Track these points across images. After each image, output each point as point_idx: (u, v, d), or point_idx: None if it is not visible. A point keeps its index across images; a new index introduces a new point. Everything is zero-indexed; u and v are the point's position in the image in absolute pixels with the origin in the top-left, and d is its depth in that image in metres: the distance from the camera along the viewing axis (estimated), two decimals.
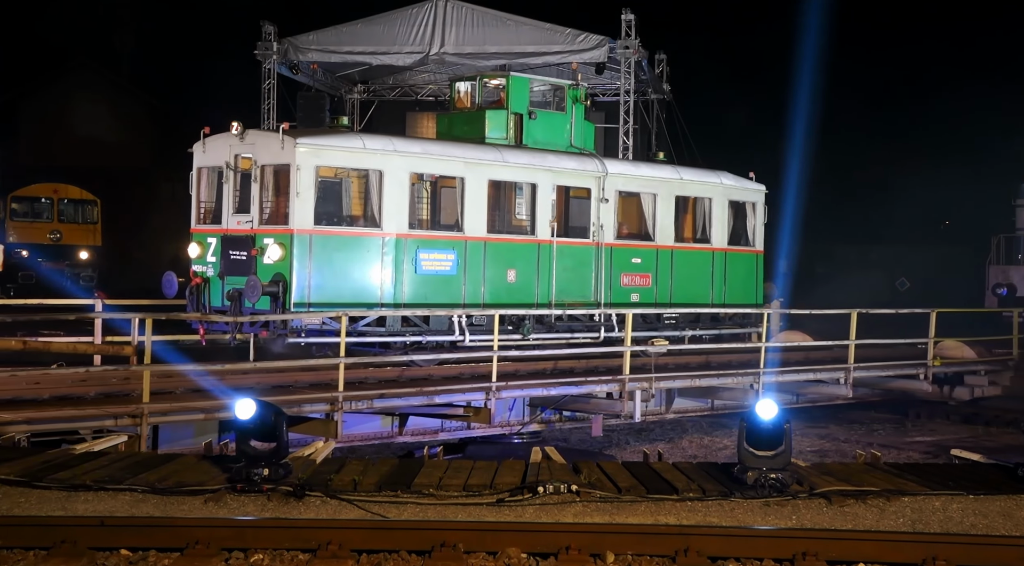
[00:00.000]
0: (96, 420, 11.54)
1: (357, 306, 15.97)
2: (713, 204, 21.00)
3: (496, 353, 14.98)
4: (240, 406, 8.05)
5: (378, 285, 16.32)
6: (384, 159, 16.57)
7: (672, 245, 20.40)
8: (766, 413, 8.09)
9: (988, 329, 27.94)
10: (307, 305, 15.63)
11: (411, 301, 16.62)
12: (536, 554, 7.11)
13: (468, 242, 17.41)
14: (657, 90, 29.72)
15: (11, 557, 6.91)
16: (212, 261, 16.50)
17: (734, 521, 7.53)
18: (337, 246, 16.17)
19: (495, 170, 17.87)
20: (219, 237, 16.49)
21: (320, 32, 27.33)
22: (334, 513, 7.58)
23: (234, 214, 16.45)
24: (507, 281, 17.86)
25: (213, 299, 16.30)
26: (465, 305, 17.20)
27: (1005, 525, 7.55)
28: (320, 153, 16.08)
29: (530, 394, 15.92)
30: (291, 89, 28.91)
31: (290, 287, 15.49)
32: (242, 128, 16.31)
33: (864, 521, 7.59)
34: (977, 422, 21.43)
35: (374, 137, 17.39)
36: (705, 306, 20.74)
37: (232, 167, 16.45)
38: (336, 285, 16.03)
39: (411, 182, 16.98)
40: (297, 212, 15.74)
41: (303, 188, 15.74)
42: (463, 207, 17.44)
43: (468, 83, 19.61)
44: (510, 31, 25.95)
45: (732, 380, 17.66)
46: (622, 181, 19.53)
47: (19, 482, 7.98)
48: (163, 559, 6.99)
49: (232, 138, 16.46)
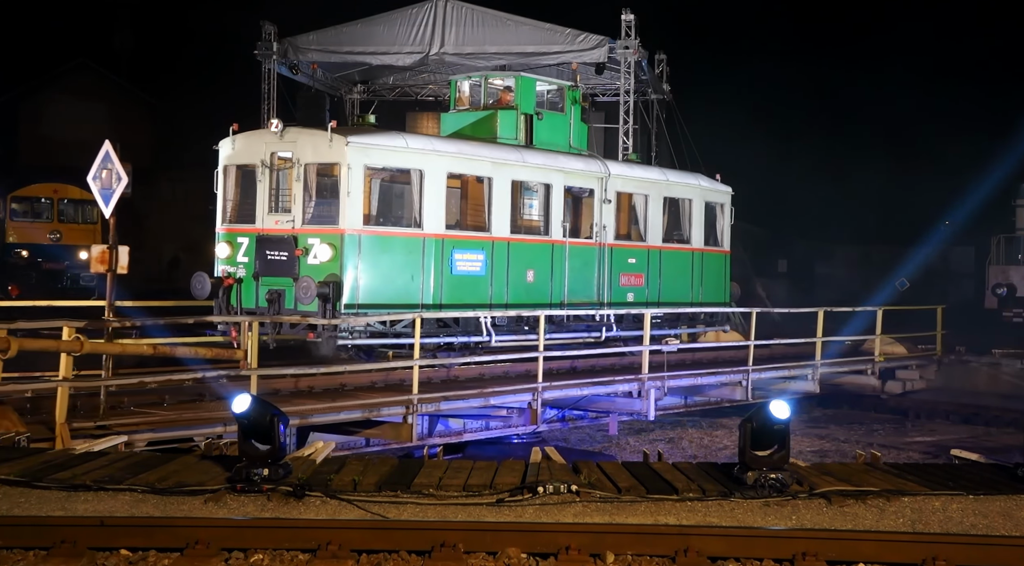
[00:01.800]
0: (208, 427, 11.79)
1: (401, 307, 15.89)
2: (692, 205, 21.29)
3: (542, 353, 15.21)
4: (237, 403, 8.02)
5: (419, 286, 16.22)
6: (424, 158, 16.42)
7: (660, 246, 20.65)
8: (779, 413, 8.04)
9: (988, 329, 27.99)
10: (356, 306, 15.44)
11: (447, 302, 16.58)
12: (536, 554, 7.10)
13: (495, 242, 17.39)
14: (657, 90, 29.72)
15: (11, 557, 6.91)
16: (244, 261, 16.15)
17: (734, 521, 7.53)
18: (383, 247, 15.99)
19: (517, 170, 17.85)
20: (253, 237, 16.12)
21: (320, 32, 27.33)
22: (334, 513, 7.58)
23: (270, 213, 16.10)
24: (526, 281, 17.91)
25: (245, 300, 15.98)
26: (491, 305, 17.20)
27: (1005, 525, 7.55)
28: (368, 152, 15.82)
29: (567, 394, 16.17)
30: (291, 89, 28.94)
31: (341, 288, 15.29)
32: (282, 125, 16.02)
33: (864, 521, 7.58)
34: (977, 422, 21.47)
35: (415, 136, 17.25)
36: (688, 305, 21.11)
37: (268, 165, 16.13)
38: (383, 286, 15.87)
39: (447, 182, 16.91)
40: (347, 212, 15.49)
41: (353, 187, 15.48)
42: (490, 208, 17.38)
43: (472, 82, 19.49)
44: (510, 31, 25.94)
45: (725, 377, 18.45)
46: (621, 182, 19.62)
47: (19, 482, 7.97)
48: (163, 559, 6.99)
49: (268, 135, 16.13)
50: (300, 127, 16.75)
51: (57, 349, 10.84)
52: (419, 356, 14.20)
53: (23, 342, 10.40)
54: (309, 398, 13.70)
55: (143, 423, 11.59)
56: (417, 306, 16.09)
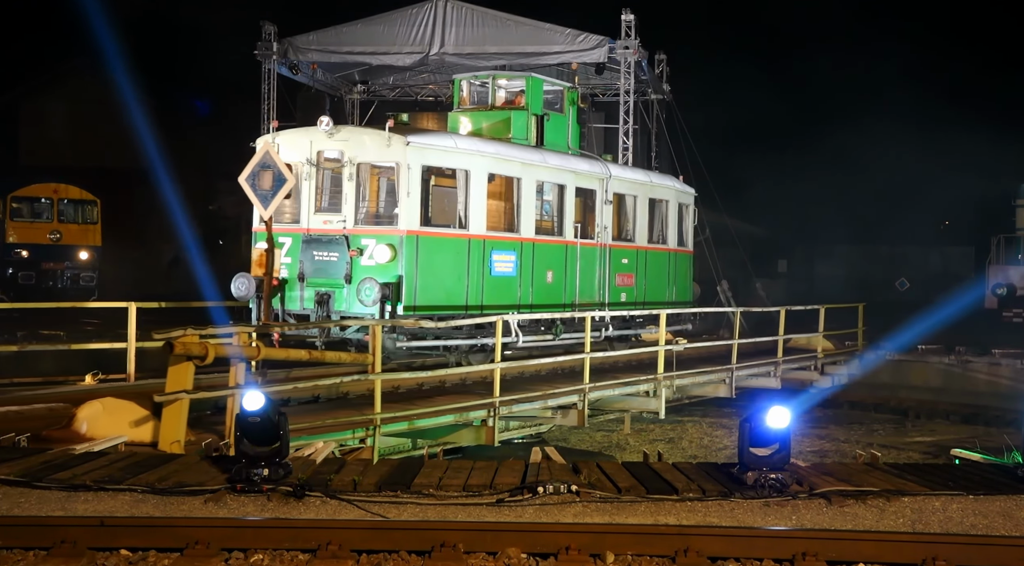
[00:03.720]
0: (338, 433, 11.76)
1: (450, 309, 15.82)
2: (669, 207, 21.45)
3: (588, 355, 15.25)
4: (248, 398, 8.00)
5: (465, 287, 16.19)
6: (470, 159, 16.34)
7: (647, 246, 20.85)
8: (777, 422, 8.04)
9: (987, 329, 28.00)
10: (413, 308, 15.32)
11: (487, 303, 16.56)
12: (536, 554, 7.10)
13: (523, 243, 17.39)
14: (657, 90, 29.72)
15: (11, 557, 6.91)
16: (286, 262, 15.87)
17: (734, 521, 7.53)
18: (437, 247, 15.88)
19: (540, 172, 17.86)
20: (297, 237, 15.85)
21: (320, 32, 27.32)
22: (334, 513, 7.58)
23: (317, 213, 15.87)
24: (546, 282, 17.97)
25: (289, 302, 15.72)
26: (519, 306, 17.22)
27: (1005, 525, 7.55)
28: (424, 152, 15.66)
29: (605, 394, 16.29)
30: (291, 89, 28.94)
31: (400, 290, 15.13)
32: (333, 124, 15.81)
33: (864, 521, 7.58)
34: (977, 422, 21.49)
35: (461, 136, 17.12)
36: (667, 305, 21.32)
37: (315, 163, 15.89)
38: (435, 287, 15.78)
39: (488, 183, 16.88)
40: (406, 212, 15.34)
41: (412, 188, 15.32)
42: (519, 209, 17.36)
43: (479, 81, 19.35)
44: (510, 31, 25.94)
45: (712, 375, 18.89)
46: (618, 184, 19.74)
47: (19, 482, 7.97)
48: (163, 559, 6.99)
49: (315, 133, 15.90)
50: (353, 126, 16.48)
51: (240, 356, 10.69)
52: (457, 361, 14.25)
53: (218, 349, 10.30)
54: (398, 402, 13.65)
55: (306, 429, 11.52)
56: (463, 308, 16.04)
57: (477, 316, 16.18)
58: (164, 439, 10.02)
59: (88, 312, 24.45)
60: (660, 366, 16.68)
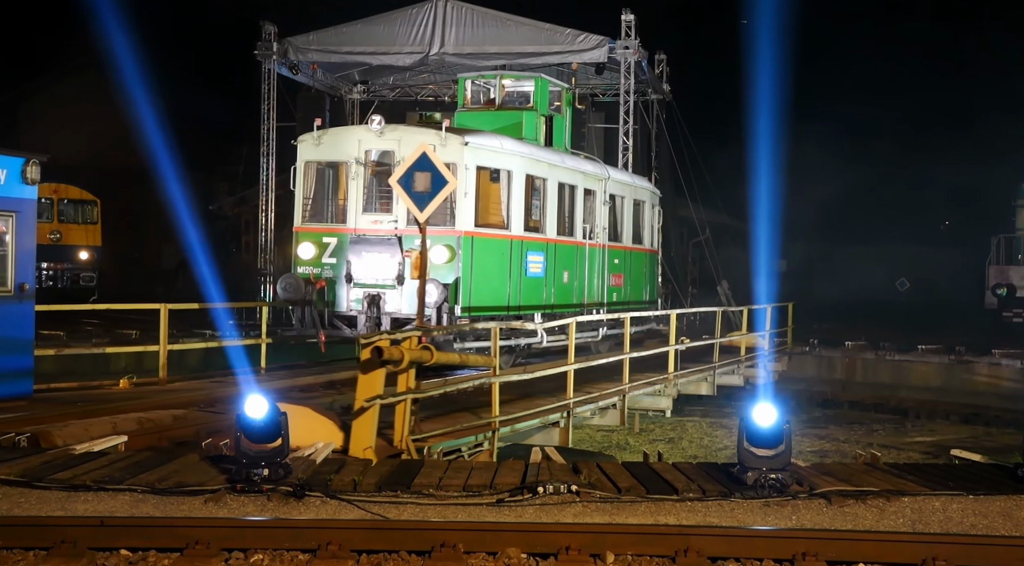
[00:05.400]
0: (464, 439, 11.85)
1: (494, 310, 15.78)
2: (645, 208, 21.58)
3: (627, 355, 15.34)
4: (251, 403, 8.00)
5: (506, 288, 16.15)
6: (511, 160, 16.34)
7: (631, 247, 20.94)
8: (764, 419, 8.09)
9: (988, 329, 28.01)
10: (468, 309, 15.24)
11: (524, 303, 16.58)
12: (536, 554, 7.10)
13: (549, 244, 17.39)
14: (657, 90, 29.72)
15: (11, 557, 6.91)
16: (331, 262, 15.73)
17: (734, 521, 7.53)
18: (487, 248, 15.85)
19: (561, 173, 17.91)
20: (344, 237, 15.72)
21: (320, 32, 27.32)
22: (334, 513, 7.58)
23: (365, 213, 15.71)
24: (563, 282, 17.99)
25: (334, 303, 15.57)
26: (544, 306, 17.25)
27: (1005, 525, 7.55)
28: (479, 153, 15.62)
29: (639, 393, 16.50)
30: (291, 89, 28.94)
31: (458, 290, 15.04)
32: (384, 122, 15.67)
33: (864, 521, 7.58)
34: (977, 422, 21.50)
35: (503, 137, 17.09)
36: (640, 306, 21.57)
37: (363, 163, 15.74)
38: (484, 288, 15.72)
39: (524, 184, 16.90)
40: (463, 213, 15.29)
41: (469, 188, 15.23)
42: (545, 210, 17.37)
43: (485, 81, 19.28)
44: (510, 31, 25.94)
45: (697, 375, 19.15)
46: (612, 185, 19.82)
47: (19, 482, 7.97)
48: (163, 559, 6.99)
49: (363, 132, 15.81)
50: (404, 125, 16.40)
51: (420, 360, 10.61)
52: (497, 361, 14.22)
53: (412, 354, 10.21)
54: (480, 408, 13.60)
55: (446, 433, 11.62)
56: (505, 308, 16.01)
57: (550, 317, 16.41)
58: (356, 445, 9.80)
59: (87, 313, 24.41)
60: (671, 366, 16.80)
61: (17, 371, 12.93)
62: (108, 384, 14.93)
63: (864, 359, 25.45)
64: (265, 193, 28.89)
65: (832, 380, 25.24)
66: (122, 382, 14.76)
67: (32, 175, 12.98)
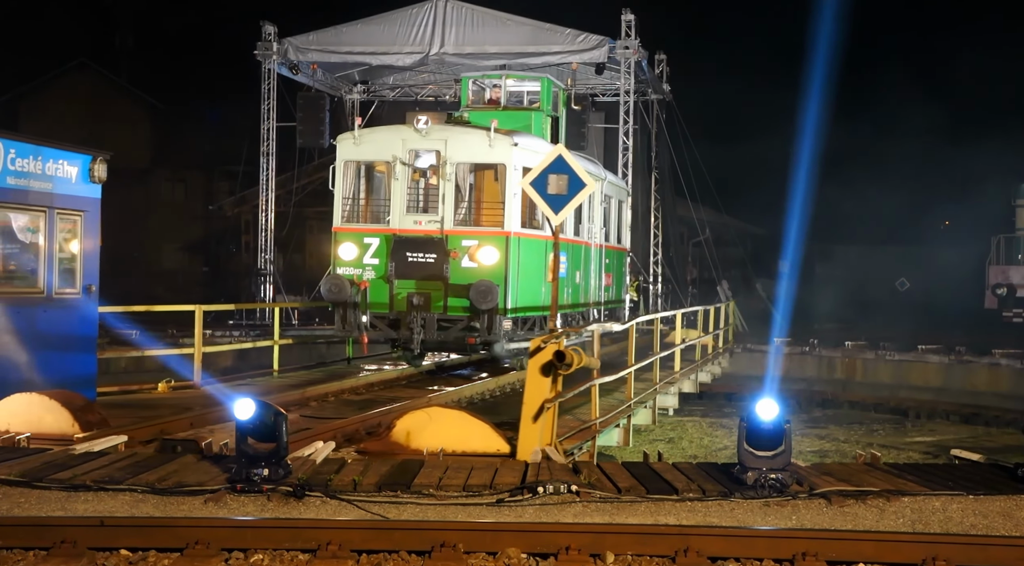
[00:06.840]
0: None
1: (534, 310, 15.75)
2: (624, 206, 21.67)
3: (658, 355, 15.30)
4: (239, 406, 8.03)
5: (541, 289, 16.08)
6: None
7: (615, 246, 21.08)
8: (766, 413, 8.10)
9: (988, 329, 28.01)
10: (515, 310, 15.16)
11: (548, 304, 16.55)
12: (536, 554, 7.10)
13: (568, 245, 17.38)
14: (657, 90, 29.73)
15: (11, 557, 6.91)
16: (373, 263, 15.50)
17: (734, 521, 7.53)
18: (531, 249, 15.81)
19: None
20: (387, 238, 15.49)
21: (320, 32, 27.34)
22: (334, 513, 7.58)
23: (408, 213, 15.56)
24: (576, 282, 18.01)
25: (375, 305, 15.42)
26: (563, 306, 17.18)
27: (1005, 525, 7.55)
28: (525, 153, 15.49)
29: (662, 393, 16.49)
30: (291, 89, 28.95)
31: (506, 291, 14.95)
32: (429, 123, 15.55)
33: (864, 521, 7.58)
34: (977, 422, 21.51)
35: (538, 138, 17.00)
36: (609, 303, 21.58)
37: (406, 163, 15.57)
38: (527, 289, 15.66)
39: None
40: (511, 214, 15.20)
41: (518, 189, 15.02)
42: None
43: (490, 81, 19.23)
44: (510, 31, 25.96)
45: None
46: (605, 185, 19.92)
47: (19, 482, 7.98)
48: (163, 559, 6.99)
49: (406, 132, 15.67)
50: (450, 126, 16.26)
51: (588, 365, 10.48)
52: None
53: (582, 358, 10.10)
54: None
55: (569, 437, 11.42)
56: (540, 309, 15.94)
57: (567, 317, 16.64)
58: (523, 448, 9.61)
59: None
60: (677, 364, 16.80)
61: (83, 378, 12.78)
62: (148, 388, 14.79)
63: (864, 359, 25.53)
64: (265, 193, 28.90)
65: (832, 380, 25.33)
66: (160, 386, 14.68)
67: (99, 173, 12.62)
